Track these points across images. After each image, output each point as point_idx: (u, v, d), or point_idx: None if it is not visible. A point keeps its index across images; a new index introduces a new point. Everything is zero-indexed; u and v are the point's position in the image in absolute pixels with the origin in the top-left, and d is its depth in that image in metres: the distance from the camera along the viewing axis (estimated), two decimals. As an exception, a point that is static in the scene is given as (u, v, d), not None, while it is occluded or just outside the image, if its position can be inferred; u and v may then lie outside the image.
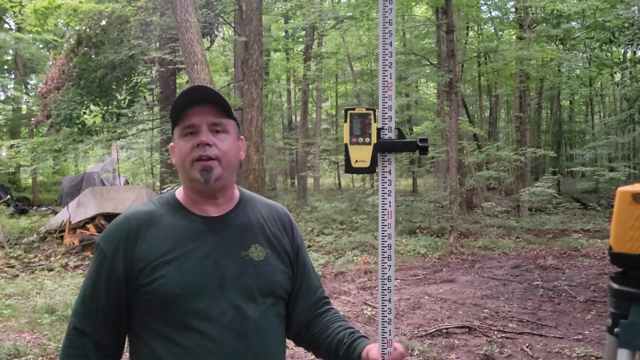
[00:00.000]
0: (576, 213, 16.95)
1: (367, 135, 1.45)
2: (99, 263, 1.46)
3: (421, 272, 9.11)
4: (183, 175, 1.51)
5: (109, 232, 1.49)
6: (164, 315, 1.41)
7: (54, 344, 5.26)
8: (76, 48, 13.09)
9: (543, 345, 5.26)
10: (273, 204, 1.71)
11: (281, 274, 1.58)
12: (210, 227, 1.51)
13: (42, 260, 10.04)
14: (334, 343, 1.58)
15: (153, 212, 1.50)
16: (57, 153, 13.18)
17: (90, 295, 1.46)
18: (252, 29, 11.10)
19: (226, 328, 1.42)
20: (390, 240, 1.45)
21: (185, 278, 1.42)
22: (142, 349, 1.45)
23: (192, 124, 1.47)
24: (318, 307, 1.69)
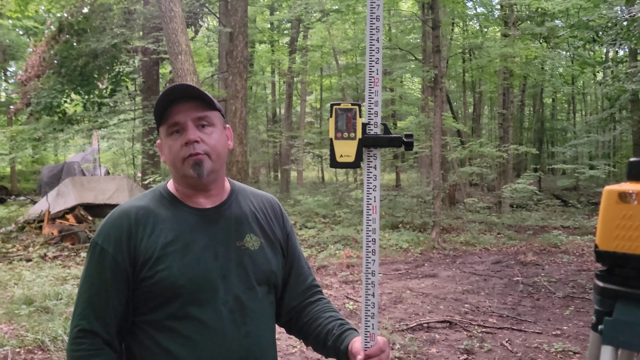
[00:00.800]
0: (556, 210, 17.18)
1: (352, 130, 1.44)
2: (101, 260, 1.44)
3: (403, 266, 9.15)
4: (175, 173, 1.51)
5: (107, 229, 1.47)
6: (167, 307, 1.42)
7: (32, 335, 5.19)
8: (57, 35, 12.86)
9: (522, 340, 5.31)
10: (263, 194, 1.73)
11: (275, 262, 1.60)
12: (206, 218, 1.52)
13: (20, 250, 9.90)
14: (323, 333, 1.59)
15: (148, 206, 1.50)
16: (36, 142, 12.99)
17: (98, 294, 1.43)
18: (237, 19, 11.02)
19: (227, 317, 1.45)
20: (375, 234, 1.44)
21: (188, 269, 1.43)
22: (145, 342, 1.45)
23: (177, 122, 1.46)
24: (309, 294, 1.70)
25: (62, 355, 4.82)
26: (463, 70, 21.73)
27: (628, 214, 0.98)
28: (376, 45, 1.43)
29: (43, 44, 13.14)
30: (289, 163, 19.66)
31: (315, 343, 1.63)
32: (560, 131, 29.48)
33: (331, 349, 1.56)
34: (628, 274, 0.99)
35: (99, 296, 1.42)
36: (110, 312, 1.42)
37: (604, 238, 1.01)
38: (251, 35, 17.84)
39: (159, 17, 10.39)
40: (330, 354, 1.59)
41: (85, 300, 1.43)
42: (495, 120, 25.75)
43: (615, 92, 12.42)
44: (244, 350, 1.47)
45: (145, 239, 1.44)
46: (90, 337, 1.41)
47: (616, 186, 1.01)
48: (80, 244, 10.33)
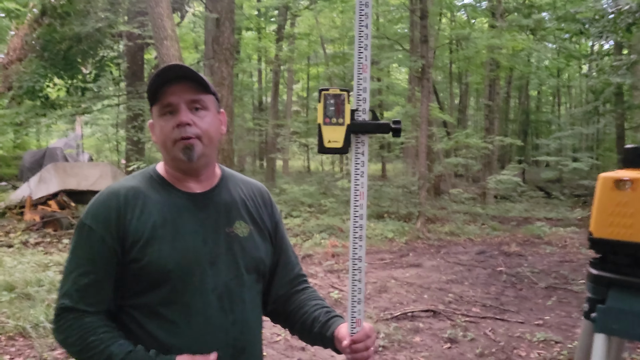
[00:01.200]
0: (540, 202, 17.34)
1: (340, 116, 1.43)
2: (89, 240, 1.41)
3: (388, 256, 9.17)
4: (165, 154, 1.48)
5: (95, 209, 1.43)
6: (154, 291, 1.40)
7: (12, 322, 5.12)
8: (40, 18, 12.61)
9: (505, 330, 5.36)
10: (252, 181, 1.71)
11: (264, 250, 1.58)
12: (195, 203, 1.49)
13: (2, 236, 9.76)
14: (309, 320, 1.59)
15: (138, 187, 1.46)
16: (18, 127, 12.78)
17: (86, 274, 1.39)
18: (224, 5, 10.87)
19: (215, 304, 1.43)
20: (362, 220, 1.44)
21: (177, 254, 1.40)
22: (130, 326, 1.42)
23: (170, 103, 1.43)
24: (295, 283, 1.70)
25: (44, 342, 4.77)
26: (450, 61, 21.77)
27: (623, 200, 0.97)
28: (365, 31, 1.43)
29: (25, 27, 12.88)
30: (274, 152, 19.58)
31: (301, 331, 1.62)
32: (545, 123, 29.70)
33: (317, 336, 1.56)
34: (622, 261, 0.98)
35: (86, 276, 1.39)
36: (98, 292, 1.40)
37: (599, 225, 1.00)
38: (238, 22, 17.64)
39: (144, 2, 10.23)
40: (316, 341, 1.59)
41: (72, 280, 1.40)
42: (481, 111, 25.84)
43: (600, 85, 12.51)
44: (231, 337, 1.45)
45: (134, 220, 1.41)
46: (73, 313, 1.38)
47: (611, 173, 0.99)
48: (62, 230, 10.21)
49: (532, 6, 18.00)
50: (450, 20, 23.14)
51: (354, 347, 1.43)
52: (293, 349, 4.81)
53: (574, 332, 5.29)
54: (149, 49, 15.60)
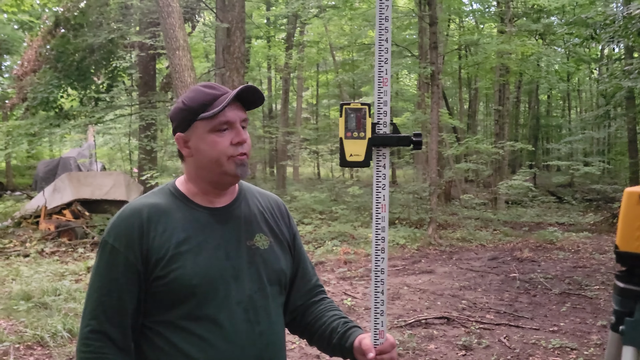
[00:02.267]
0: (551, 206, 17.24)
1: (362, 129, 1.46)
2: (112, 259, 1.42)
3: (400, 262, 9.18)
4: (212, 168, 1.47)
5: (117, 227, 1.44)
6: (181, 306, 1.41)
7: (31, 331, 5.18)
8: (54, 30, 12.80)
9: (520, 337, 5.35)
10: (268, 193, 1.74)
11: (284, 262, 1.61)
12: (217, 218, 1.51)
13: (17, 245, 9.87)
14: (327, 331, 1.60)
15: (159, 204, 1.48)
16: (32, 137, 12.93)
17: (110, 294, 1.41)
18: (234, 15, 10.98)
19: (241, 317, 1.45)
20: (384, 233, 1.46)
21: (201, 269, 1.42)
22: (157, 342, 1.43)
23: (228, 121, 1.45)
24: (313, 294, 1.71)
25: (62, 351, 4.83)
26: (459, 67, 21.73)
27: (648, 215, 0.99)
28: (385, 45, 1.46)
29: (39, 39, 13.07)
30: (285, 159, 19.64)
31: (320, 342, 1.64)
32: (556, 128, 29.56)
33: (336, 347, 1.57)
34: (649, 275, 1.01)
35: (110, 296, 1.41)
36: (121, 313, 1.41)
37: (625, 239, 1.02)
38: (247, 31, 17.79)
39: (156, 12, 10.35)
40: (335, 352, 1.60)
41: (96, 300, 1.41)
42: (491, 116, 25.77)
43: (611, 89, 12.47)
44: (258, 349, 1.47)
45: (157, 238, 1.42)
46: (100, 338, 1.39)
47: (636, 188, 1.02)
48: (77, 239, 10.32)
49: (540, 11, 17.97)
50: (459, 26, 23.15)
51: (380, 357, 1.45)
52: (308, 357, 4.84)
53: (589, 339, 5.28)
54: (161, 59, 15.75)
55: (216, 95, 1.46)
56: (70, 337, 5.11)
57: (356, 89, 24.11)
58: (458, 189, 17.65)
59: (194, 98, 1.47)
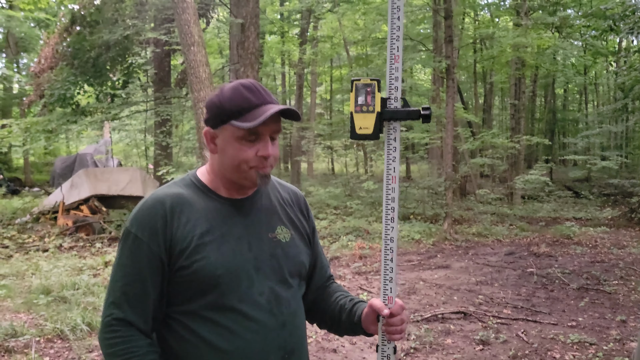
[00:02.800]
0: (568, 201, 17.09)
1: (371, 104, 1.51)
2: (135, 249, 1.42)
3: (415, 257, 9.15)
4: (233, 172, 1.48)
5: (141, 217, 1.44)
6: (204, 297, 1.42)
7: (50, 324, 5.25)
8: (70, 27, 12.90)
9: (538, 331, 5.32)
10: (288, 185, 1.75)
11: (305, 254, 1.62)
12: (238, 209, 1.52)
13: (36, 241, 10.00)
14: (336, 311, 1.65)
15: (182, 194, 1.48)
16: (50, 133, 13.06)
17: (133, 283, 1.41)
18: (248, 10, 10.98)
19: (264, 308, 1.46)
20: (394, 203, 1.51)
21: (225, 260, 1.42)
22: (181, 332, 1.44)
23: (258, 132, 1.45)
24: (327, 285, 1.76)
25: (82, 344, 4.88)
26: (474, 61, 21.57)
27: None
28: (397, 23, 1.49)
29: (56, 36, 13.18)
30: (299, 154, 19.65)
31: (332, 323, 1.68)
32: (572, 122, 29.26)
33: (346, 324, 1.62)
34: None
35: (133, 285, 1.41)
36: (145, 302, 1.41)
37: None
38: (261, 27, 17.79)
39: (171, 9, 10.39)
40: (347, 330, 1.65)
41: (119, 289, 1.42)
42: (507, 111, 25.57)
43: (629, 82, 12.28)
44: (282, 339, 1.48)
45: (181, 228, 1.42)
46: (124, 326, 1.40)
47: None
48: (94, 234, 10.42)
49: (557, 3, 17.74)
50: (474, 19, 22.95)
51: (390, 320, 1.49)
52: (325, 351, 4.85)
53: (608, 334, 5.23)
54: (176, 55, 15.83)
55: (254, 104, 1.44)
56: (89, 330, 5.16)
57: (370, 84, 23.97)
58: (473, 183, 17.54)
59: (231, 99, 1.45)
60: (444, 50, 12.47)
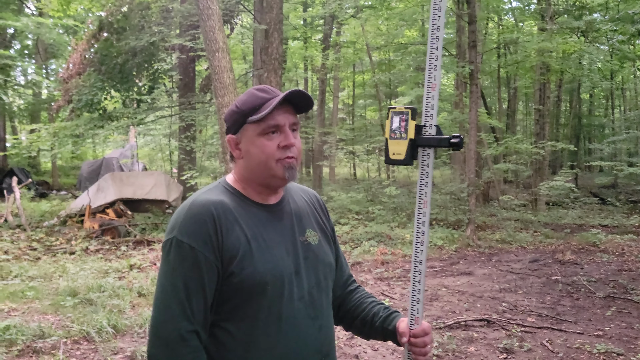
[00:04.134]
0: (594, 208, 16.80)
1: (404, 131, 1.56)
2: (192, 258, 1.40)
3: (438, 264, 9.10)
4: (262, 171, 1.50)
5: (189, 225, 1.42)
6: (250, 303, 1.43)
7: (77, 326, 5.34)
8: (98, 34, 13.17)
9: (563, 340, 5.25)
10: (306, 188, 1.79)
11: (332, 255, 1.67)
12: (272, 215, 1.55)
13: (63, 243, 10.18)
14: (369, 315, 1.68)
15: (224, 201, 1.48)
16: (77, 138, 13.32)
17: (196, 293, 1.40)
18: (272, 17, 11.07)
19: (304, 313, 1.49)
20: (424, 227, 1.56)
21: (271, 266, 1.45)
22: (223, 339, 1.44)
23: (277, 124, 1.48)
24: (348, 284, 1.79)
25: (107, 346, 4.96)
26: (498, 66, 21.39)
27: None
28: (436, 53, 1.54)
29: (84, 43, 13.45)
30: (321, 159, 19.68)
31: (361, 326, 1.70)
32: (598, 127, 28.81)
33: (378, 330, 1.64)
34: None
35: (196, 296, 1.40)
36: (206, 312, 1.42)
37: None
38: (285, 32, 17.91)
39: (196, 15, 10.53)
40: (377, 335, 1.67)
41: (184, 300, 1.39)
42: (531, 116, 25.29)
43: (658, 87, 12.07)
44: (319, 343, 1.52)
45: (228, 235, 1.43)
46: (195, 338, 1.40)
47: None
48: (120, 237, 10.58)
49: (583, 7, 17.52)
50: (498, 24, 22.77)
51: (413, 341, 1.53)
52: (347, 357, 4.85)
53: (636, 344, 5.14)
54: (200, 61, 16.01)
55: (266, 98, 1.49)
56: (114, 332, 5.25)
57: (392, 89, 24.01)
58: (497, 189, 17.37)
59: (245, 101, 1.51)
60: (468, 55, 12.39)
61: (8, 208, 12.10)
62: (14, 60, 20.45)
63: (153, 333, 1.41)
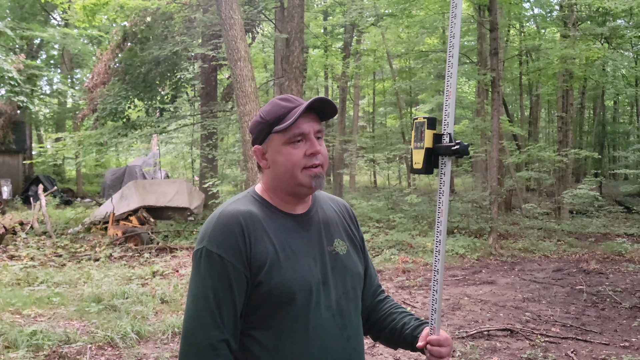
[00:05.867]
0: (619, 217, 16.51)
1: (422, 140, 1.58)
2: (222, 269, 1.42)
3: (460, 272, 9.03)
4: (288, 180, 1.52)
5: (218, 235, 1.45)
6: (278, 313, 1.44)
7: (102, 332, 5.41)
8: (122, 44, 13.40)
9: (588, 351, 5.17)
10: (336, 198, 1.79)
11: (360, 265, 1.66)
12: (300, 224, 1.56)
13: (88, 250, 10.34)
14: (399, 325, 1.67)
15: (252, 211, 1.50)
16: (101, 146, 13.53)
17: (226, 303, 1.42)
18: (293, 26, 11.16)
19: (332, 323, 1.49)
20: (442, 236, 1.57)
21: (299, 276, 1.46)
22: (251, 348, 1.46)
23: (302, 132, 1.50)
24: (377, 294, 1.78)
25: (131, 352, 5.02)
26: (520, 73, 21.22)
27: None
28: (452, 61, 1.55)
29: (108, 52, 13.70)
30: (342, 167, 19.70)
31: (390, 335, 1.69)
32: (623, 135, 28.34)
33: (407, 338, 1.63)
34: None
35: (227, 305, 1.42)
36: (237, 322, 1.44)
37: None
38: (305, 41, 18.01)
39: (218, 25, 10.65)
40: (405, 344, 1.66)
41: (215, 310, 1.41)
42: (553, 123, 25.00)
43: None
44: (347, 353, 1.52)
45: (257, 246, 1.44)
46: (226, 347, 1.41)
47: None
48: (143, 245, 10.70)
49: (606, 14, 17.31)
50: (520, 31, 22.61)
51: (429, 348, 1.53)
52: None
53: (663, 356, 5.04)
54: (222, 70, 16.17)
55: (290, 107, 1.51)
56: (138, 338, 5.31)
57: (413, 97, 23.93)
58: (519, 198, 17.20)
59: (270, 111, 1.53)
60: (489, 63, 12.33)
61: (34, 215, 12.33)
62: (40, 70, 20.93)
63: (185, 341, 1.43)
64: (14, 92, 15.91)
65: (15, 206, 17.36)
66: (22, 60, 17.84)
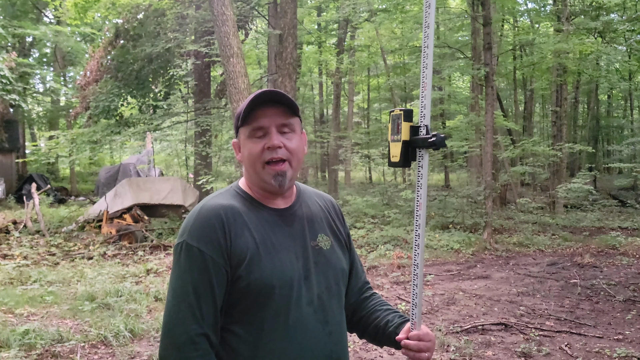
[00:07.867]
0: (613, 210, 16.57)
1: (398, 132, 1.55)
2: (201, 263, 1.41)
3: (455, 267, 9.04)
4: (253, 175, 1.52)
5: (199, 229, 1.43)
6: (257, 307, 1.43)
7: (95, 331, 5.39)
8: (114, 41, 13.31)
9: (582, 345, 5.18)
10: (322, 193, 1.77)
11: (344, 261, 1.65)
12: (283, 219, 1.54)
13: (81, 248, 10.29)
14: (382, 322, 1.65)
15: (234, 205, 1.49)
16: (94, 144, 13.46)
17: (205, 297, 1.40)
18: (286, 22, 11.12)
19: (313, 317, 1.48)
20: (420, 230, 1.54)
21: (278, 270, 1.44)
22: (231, 343, 1.45)
23: (261, 126, 1.48)
24: (363, 290, 1.76)
25: (124, 350, 5.00)
26: (514, 68, 21.24)
27: None
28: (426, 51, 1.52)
29: (101, 50, 13.61)
30: (336, 163, 19.68)
31: (374, 333, 1.68)
32: (617, 129, 28.42)
33: (391, 335, 1.61)
34: None
35: (206, 299, 1.40)
36: (216, 314, 1.42)
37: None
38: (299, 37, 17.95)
39: (210, 21, 10.60)
40: (390, 341, 1.64)
41: (194, 304, 1.40)
42: (547, 118, 25.05)
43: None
44: (329, 349, 1.50)
45: (237, 239, 1.43)
46: (205, 341, 1.39)
47: None
48: (137, 242, 10.66)
49: (599, 8, 17.32)
50: (513, 26, 22.62)
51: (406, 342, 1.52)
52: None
53: (657, 348, 5.05)
54: (215, 67, 16.10)
55: (254, 102, 1.49)
56: (131, 337, 5.28)
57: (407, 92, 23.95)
58: (514, 192, 17.23)
59: (241, 106, 1.51)
60: (483, 58, 12.32)
61: (27, 214, 12.26)
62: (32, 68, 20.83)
63: (164, 335, 1.42)
64: (6, 90, 15.81)
65: (8, 205, 17.29)
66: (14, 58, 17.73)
